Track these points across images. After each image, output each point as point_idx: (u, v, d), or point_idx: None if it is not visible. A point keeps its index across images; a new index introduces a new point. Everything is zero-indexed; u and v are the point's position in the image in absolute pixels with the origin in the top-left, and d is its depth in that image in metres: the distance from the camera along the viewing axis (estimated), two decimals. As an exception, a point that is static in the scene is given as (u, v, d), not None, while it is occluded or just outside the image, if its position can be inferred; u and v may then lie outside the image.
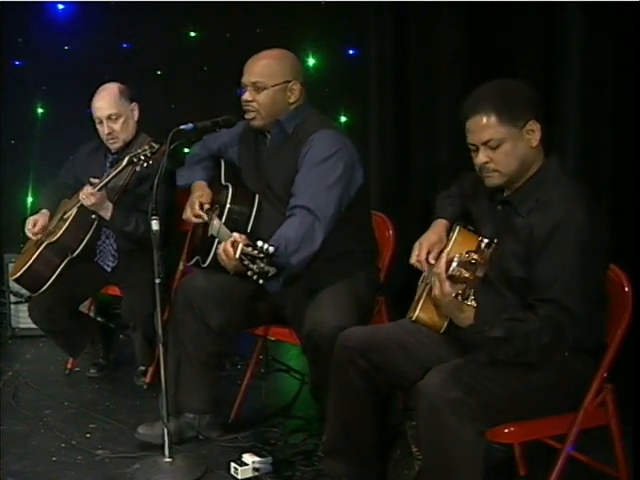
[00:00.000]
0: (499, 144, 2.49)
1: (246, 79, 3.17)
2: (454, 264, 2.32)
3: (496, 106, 2.48)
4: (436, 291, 2.42)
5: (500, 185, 2.58)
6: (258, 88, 3.14)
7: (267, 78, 3.13)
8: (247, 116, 3.21)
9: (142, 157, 3.57)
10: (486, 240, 2.34)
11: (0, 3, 4.83)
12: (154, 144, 3.56)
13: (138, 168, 3.63)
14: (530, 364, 2.44)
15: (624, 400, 2.66)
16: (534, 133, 2.51)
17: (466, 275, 2.30)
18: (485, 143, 2.50)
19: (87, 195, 3.70)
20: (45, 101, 5.43)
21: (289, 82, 3.16)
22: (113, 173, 3.70)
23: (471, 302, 2.37)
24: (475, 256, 2.31)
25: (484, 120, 2.48)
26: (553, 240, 2.42)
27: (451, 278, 2.34)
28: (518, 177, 2.55)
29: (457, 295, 2.36)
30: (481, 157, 2.52)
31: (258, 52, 3.22)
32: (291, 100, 3.18)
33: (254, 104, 3.16)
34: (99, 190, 3.71)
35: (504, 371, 2.45)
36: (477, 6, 3.74)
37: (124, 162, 3.63)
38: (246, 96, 3.17)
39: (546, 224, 2.44)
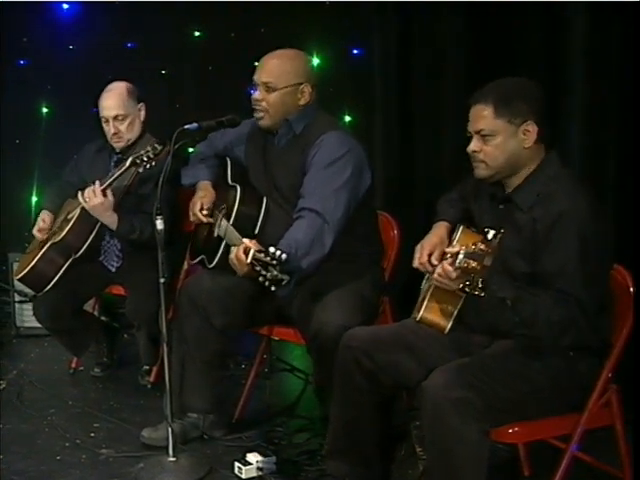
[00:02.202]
0: (490, 136, 2.52)
1: (258, 77, 3.14)
2: (460, 256, 2.29)
3: (496, 99, 2.52)
4: (437, 273, 2.44)
5: (487, 178, 2.60)
6: (269, 88, 3.11)
7: (278, 79, 3.11)
8: (255, 114, 3.18)
9: (145, 158, 3.55)
10: (492, 231, 2.32)
11: (4, 3, 4.84)
12: (157, 145, 3.53)
13: (141, 169, 3.61)
14: (536, 352, 2.44)
15: (624, 400, 2.66)
16: (530, 134, 2.53)
17: (473, 265, 2.27)
18: (478, 132, 2.55)
19: (90, 196, 3.70)
20: (49, 101, 5.44)
21: (300, 84, 3.14)
22: (117, 174, 3.68)
23: (480, 293, 2.29)
24: (482, 246, 2.28)
25: (481, 110, 2.53)
26: (556, 231, 2.44)
27: (457, 270, 2.33)
28: (505, 173, 2.57)
29: (464, 286, 2.32)
30: (472, 145, 2.57)
31: (262, 52, 3.21)
32: (301, 102, 3.16)
33: (263, 104, 3.13)
34: (104, 191, 3.69)
35: (508, 371, 2.45)
36: (480, 6, 3.74)
37: (127, 163, 3.61)
38: (256, 95, 3.14)
39: (549, 216, 2.47)
